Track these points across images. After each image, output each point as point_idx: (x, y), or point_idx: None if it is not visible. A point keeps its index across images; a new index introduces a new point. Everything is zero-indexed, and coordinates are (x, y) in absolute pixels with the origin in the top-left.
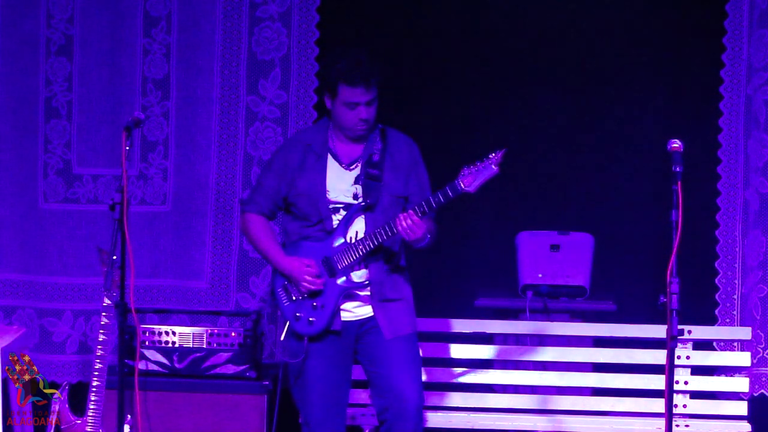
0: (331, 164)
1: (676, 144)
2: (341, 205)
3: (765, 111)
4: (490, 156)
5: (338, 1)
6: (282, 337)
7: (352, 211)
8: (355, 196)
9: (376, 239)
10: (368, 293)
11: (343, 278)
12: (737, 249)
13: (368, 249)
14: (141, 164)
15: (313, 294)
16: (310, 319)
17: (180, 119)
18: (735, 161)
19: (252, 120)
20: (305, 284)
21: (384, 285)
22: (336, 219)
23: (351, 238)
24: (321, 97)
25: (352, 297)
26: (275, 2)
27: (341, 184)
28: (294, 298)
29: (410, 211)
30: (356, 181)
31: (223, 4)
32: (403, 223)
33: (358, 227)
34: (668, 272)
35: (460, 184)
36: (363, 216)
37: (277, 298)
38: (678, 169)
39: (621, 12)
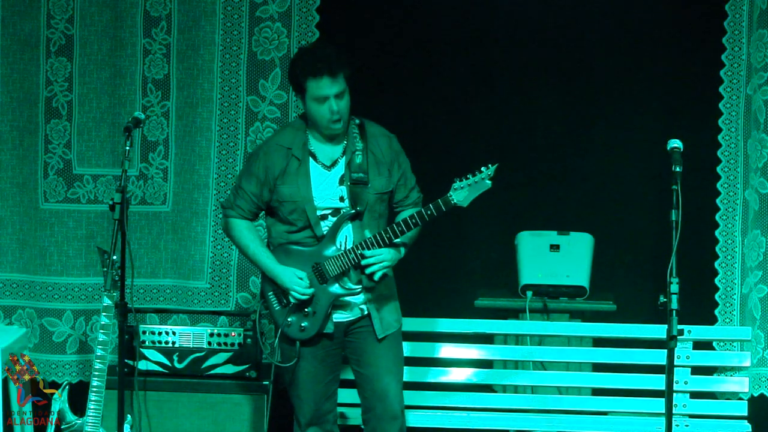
0: (314, 168)
1: (676, 144)
2: (329, 211)
3: (765, 111)
4: (482, 170)
5: (338, 1)
6: (275, 343)
7: (341, 220)
8: (341, 198)
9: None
10: (359, 297)
11: (336, 285)
12: (737, 249)
13: (359, 259)
14: (141, 164)
15: (304, 302)
16: (302, 324)
17: (180, 119)
18: (735, 161)
19: (252, 120)
20: (295, 296)
21: (377, 286)
22: (325, 226)
23: (341, 243)
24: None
25: (343, 306)
26: (275, 2)
27: (326, 188)
28: (285, 303)
29: (369, 243)
30: (341, 182)
31: (223, 4)
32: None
33: (347, 232)
34: (668, 272)
35: (452, 199)
36: (351, 222)
37: (268, 302)
38: (678, 169)
39: (621, 12)
